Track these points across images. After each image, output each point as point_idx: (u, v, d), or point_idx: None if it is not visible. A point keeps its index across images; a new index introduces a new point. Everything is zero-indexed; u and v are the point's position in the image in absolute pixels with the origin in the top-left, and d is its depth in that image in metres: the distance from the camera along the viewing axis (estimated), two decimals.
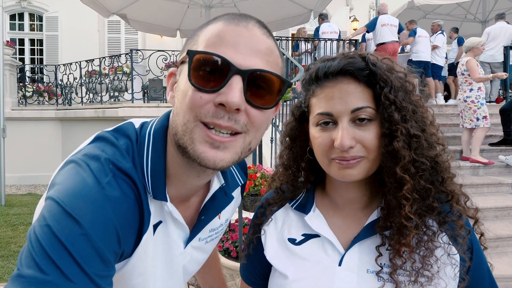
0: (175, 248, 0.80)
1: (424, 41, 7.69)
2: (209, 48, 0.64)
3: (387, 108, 0.73)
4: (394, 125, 0.72)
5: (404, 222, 0.71)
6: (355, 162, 0.74)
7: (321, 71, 0.78)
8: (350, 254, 0.78)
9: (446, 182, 0.76)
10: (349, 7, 13.13)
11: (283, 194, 0.92)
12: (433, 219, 0.75)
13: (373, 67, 0.74)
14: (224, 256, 2.95)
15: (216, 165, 0.66)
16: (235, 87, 0.62)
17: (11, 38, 11.08)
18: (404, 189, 0.72)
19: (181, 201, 0.81)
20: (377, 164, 0.76)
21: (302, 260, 0.82)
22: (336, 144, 0.73)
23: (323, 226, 0.83)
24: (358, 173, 0.75)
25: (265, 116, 0.69)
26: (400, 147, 0.71)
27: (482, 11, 10.35)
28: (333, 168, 0.77)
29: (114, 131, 0.75)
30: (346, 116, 0.74)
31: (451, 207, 0.76)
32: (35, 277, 0.53)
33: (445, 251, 0.73)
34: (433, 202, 0.74)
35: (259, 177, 2.53)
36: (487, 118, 5.00)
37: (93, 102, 9.04)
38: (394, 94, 0.73)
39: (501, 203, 4.12)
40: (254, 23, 0.68)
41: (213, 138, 0.64)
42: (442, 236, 0.74)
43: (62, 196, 0.60)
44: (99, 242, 0.58)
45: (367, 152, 0.74)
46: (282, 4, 7.45)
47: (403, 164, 0.72)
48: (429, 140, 0.75)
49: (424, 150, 0.73)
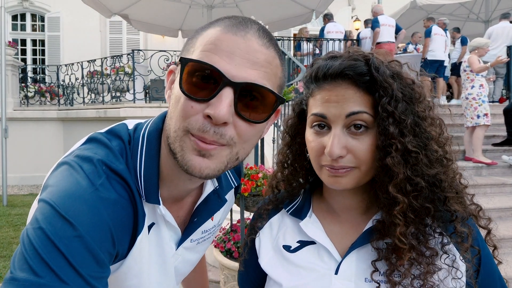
0: (167, 249, 0.80)
1: (439, 39, 7.55)
2: (204, 55, 0.63)
3: (384, 120, 0.67)
4: (389, 139, 0.67)
5: (398, 243, 0.67)
6: (344, 171, 0.70)
7: (321, 71, 0.74)
8: (347, 262, 0.74)
9: (449, 201, 0.70)
10: (351, 7, 13.13)
11: (279, 193, 0.90)
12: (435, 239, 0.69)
13: (375, 72, 0.69)
14: (226, 256, 2.94)
15: (202, 172, 0.65)
16: (224, 100, 0.61)
17: (13, 38, 11.12)
18: (396, 209, 0.67)
19: (174, 202, 0.80)
20: (370, 175, 0.72)
21: (297, 268, 0.78)
22: (326, 151, 0.69)
23: (319, 232, 0.80)
24: (347, 182, 0.71)
25: (255, 129, 0.68)
26: (395, 163, 0.66)
27: (485, 10, 10.31)
28: (324, 175, 0.73)
29: (107, 132, 0.75)
30: (340, 122, 0.69)
31: (455, 228, 0.70)
32: (29, 280, 0.52)
33: (449, 273, 0.68)
34: (433, 222, 0.69)
35: (261, 177, 2.52)
36: (488, 116, 4.97)
37: (95, 103, 9.06)
38: (393, 105, 0.67)
39: (505, 204, 4.10)
40: (253, 32, 0.65)
41: (199, 146, 0.63)
42: (445, 258, 0.68)
43: (55, 198, 0.59)
44: (93, 244, 0.58)
45: (358, 163, 0.69)
46: (284, 4, 7.46)
47: (397, 183, 0.66)
48: (430, 156, 0.69)
49: (423, 167, 0.67)
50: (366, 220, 0.78)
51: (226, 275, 2.89)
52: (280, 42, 8.03)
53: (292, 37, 10.11)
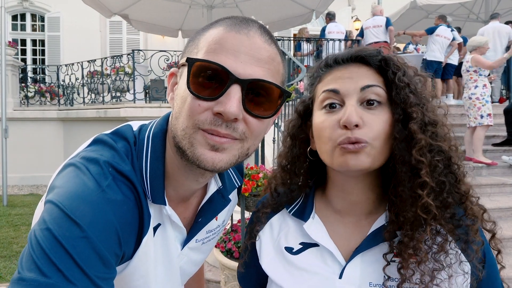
0: (173, 249, 0.81)
1: (441, 40, 7.49)
2: (209, 55, 0.64)
3: (401, 90, 0.69)
4: (409, 107, 0.68)
5: (421, 213, 0.65)
6: (359, 146, 0.67)
7: (331, 58, 0.76)
8: (352, 266, 0.72)
9: (460, 181, 0.70)
10: (351, 7, 13.13)
11: (278, 197, 0.87)
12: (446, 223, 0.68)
13: (386, 55, 0.73)
14: (227, 256, 2.94)
15: (215, 166, 0.66)
16: (233, 96, 0.62)
17: (13, 38, 11.11)
18: (421, 173, 0.66)
19: (179, 202, 0.81)
20: (384, 155, 0.70)
21: (300, 271, 0.76)
22: (342, 120, 0.68)
23: (323, 234, 0.78)
24: (362, 161, 0.68)
25: (264, 124, 0.70)
26: (417, 129, 0.67)
27: (485, 10, 10.30)
28: (336, 156, 0.70)
29: (113, 133, 0.76)
30: (354, 95, 0.70)
31: (465, 210, 0.70)
32: (37, 280, 0.53)
33: (457, 259, 0.67)
34: (448, 198, 0.68)
35: (261, 177, 2.52)
36: (491, 116, 4.97)
37: (95, 103, 9.06)
38: (408, 78, 0.70)
39: (505, 204, 4.10)
40: (255, 30, 0.67)
41: (213, 140, 0.64)
42: (454, 243, 0.68)
43: (62, 199, 0.60)
44: (100, 245, 0.59)
45: (373, 137, 0.68)
46: (284, 4, 7.46)
47: (420, 147, 0.66)
48: (441, 132, 0.70)
49: (439, 138, 0.69)
50: (371, 222, 0.76)
51: (227, 275, 2.90)
52: (280, 42, 8.03)
53: (292, 37, 10.11)
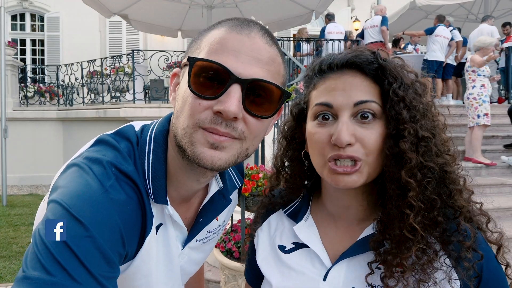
0: (174, 249, 0.81)
1: (441, 41, 7.48)
2: (211, 55, 0.65)
3: (395, 104, 0.66)
4: (401, 124, 0.65)
5: (407, 234, 0.64)
6: (349, 170, 0.66)
7: (325, 63, 0.73)
8: (336, 269, 0.72)
9: (454, 196, 0.68)
10: (350, 8, 13.14)
11: (273, 198, 0.89)
12: (437, 238, 0.66)
13: (382, 61, 0.69)
14: (227, 256, 2.94)
15: (214, 164, 0.67)
16: (233, 96, 0.63)
17: (13, 38, 11.10)
18: (409, 195, 0.64)
19: (181, 202, 0.82)
20: (378, 169, 0.69)
21: (288, 270, 0.78)
22: (333, 138, 0.66)
23: (313, 237, 0.78)
24: (354, 180, 0.67)
25: (263, 124, 0.70)
26: (407, 148, 0.64)
27: (484, 11, 10.31)
28: (326, 173, 0.69)
29: (115, 134, 0.76)
30: (347, 110, 0.67)
31: (457, 226, 0.67)
32: (42, 278, 0.53)
33: (446, 275, 0.65)
34: (438, 216, 0.65)
35: (261, 177, 2.53)
36: (488, 116, 4.98)
37: (94, 103, 9.05)
38: (403, 91, 0.67)
39: (504, 204, 4.11)
40: (257, 31, 0.68)
41: (213, 138, 0.65)
42: (445, 258, 0.65)
43: (66, 198, 0.60)
44: (104, 244, 0.59)
45: (366, 154, 0.66)
46: (284, 4, 7.46)
47: (409, 168, 0.64)
48: (438, 146, 0.68)
49: (432, 156, 0.66)
50: (362, 229, 0.75)
51: (227, 275, 2.90)
52: (280, 43, 8.03)
53: (292, 37, 10.11)
